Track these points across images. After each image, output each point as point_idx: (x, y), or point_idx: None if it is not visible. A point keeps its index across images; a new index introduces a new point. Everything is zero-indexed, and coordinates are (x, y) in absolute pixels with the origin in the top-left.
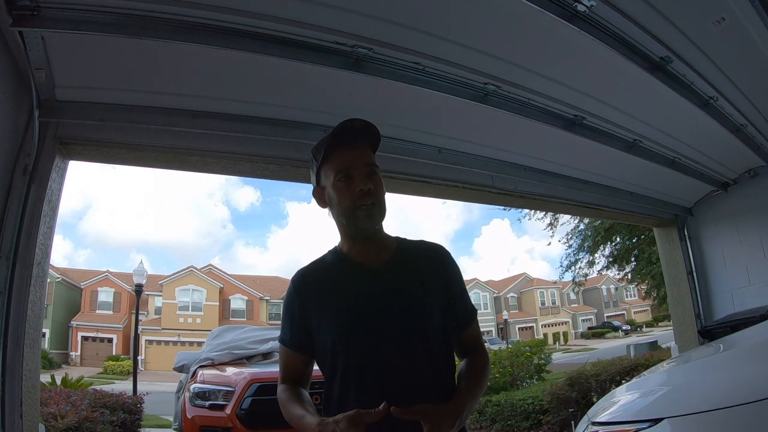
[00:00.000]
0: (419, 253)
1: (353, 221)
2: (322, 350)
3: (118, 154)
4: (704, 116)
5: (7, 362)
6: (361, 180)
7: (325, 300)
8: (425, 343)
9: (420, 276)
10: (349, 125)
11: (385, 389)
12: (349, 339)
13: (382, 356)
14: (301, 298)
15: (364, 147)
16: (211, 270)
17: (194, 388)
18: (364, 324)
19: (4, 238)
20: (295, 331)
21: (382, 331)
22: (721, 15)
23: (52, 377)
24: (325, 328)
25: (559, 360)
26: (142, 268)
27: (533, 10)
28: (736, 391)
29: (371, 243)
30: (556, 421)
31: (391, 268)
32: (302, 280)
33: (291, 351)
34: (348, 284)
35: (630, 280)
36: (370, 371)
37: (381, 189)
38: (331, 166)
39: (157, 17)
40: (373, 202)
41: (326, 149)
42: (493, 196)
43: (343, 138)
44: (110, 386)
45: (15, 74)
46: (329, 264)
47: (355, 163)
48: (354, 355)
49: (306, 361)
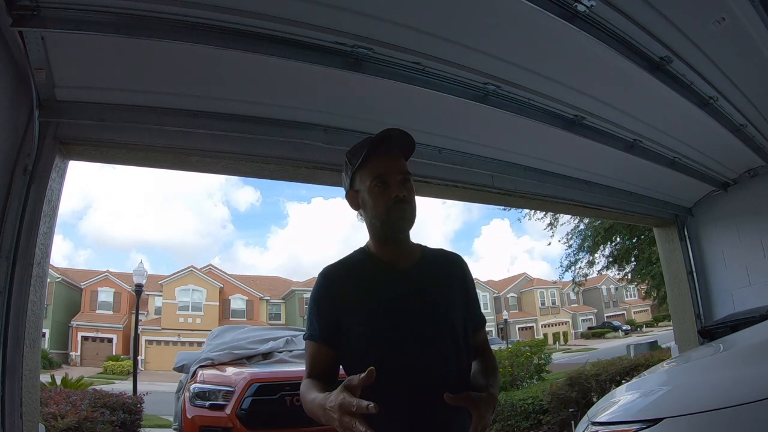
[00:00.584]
0: (442, 260)
1: (387, 224)
2: (353, 346)
3: (118, 154)
4: (704, 116)
5: (7, 362)
6: (396, 187)
7: (356, 297)
8: (452, 342)
9: (445, 281)
10: (388, 134)
11: (417, 384)
12: (383, 336)
13: (414, 353)
14: (331, 293)
15: (398, 156)
16: (211, 270)
17: (194, 388)
18: (394, 321)
19: (4, 238)
20: (324, 325)
21: (413, 330)
22: (721, 15)
23: (52, 377)
24: (357, 324)
25: (559, 360)
26: (142, 268)
27: (533, 10)
28: (736, 391)
29: (399, 246)
30: (556, 421)
31: (418, 271)
32: (332, 275)
33: (319, 346)
34: (379, 283)
35: (630, 280)
36: (402, 366)
37: (413, 195)
38: (368, 172)
39: (157, 17)
40: (406, 207)
41: (365, 155)
42: (493, 196)
43: (380, 146)
44: (110, 386)
45: (15, 74)
46: (359, 262)
47: (391, 170)
48: (387, 352)
49: (333, 357)
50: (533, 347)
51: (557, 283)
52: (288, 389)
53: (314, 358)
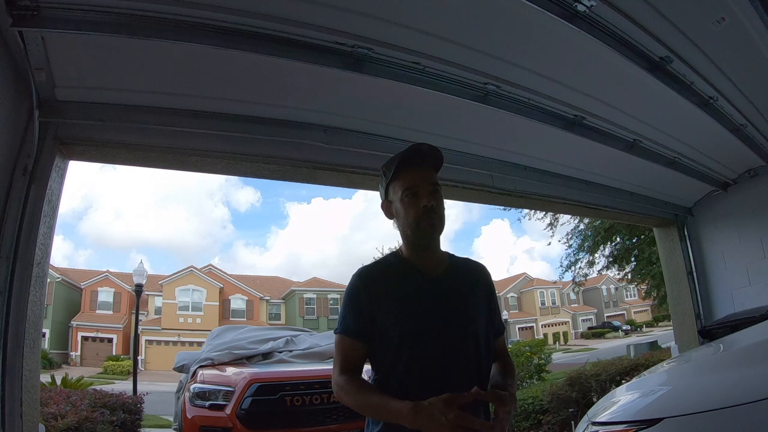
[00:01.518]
0: (469, 269)
1: (417, 233)
2: (384, 345)
3: (118, 154)
4: (704, 116)
5: (7, 362)
6: (426, 197)
7: (390, 298)
8: (474, 346)
9: (471, 289)
10: (418, 148)
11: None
12: (417, 338)
13: (442, 356)
14: (368, 291)
15: (429, 168)
16: (211, 270)
17: (194, 388)
18: (427, 326)
19: (4, 238)
20: (360, 321)
21: (444, 333)
22: (721, 15)
23: (52, 377)
24: (390, 325)
25: (559, 360)
26: (142, 268)
27: (533, 10)
28: (736, 391)
29: (430, 253)
30: (556, 421)
31: (448, 278)
32: (369, 274)
33: (353, 340)
34: (413, 288)
35: (630, 280)
36: (435, 367)
37: (442, 206)
38: (400, 184)
39: (157, 17)
40: (435, 217)
41: (396, 168)
42: (493, 196)
43: (411, 159)
44: (110, 386)
45: (15, 74)
46: (393, 266)
47: (421, 182)
48: (420, 353)
49: (365, 352)
50: (533, 347)
51: (557, 283)
52: (288, 389)
53: (347, 352)
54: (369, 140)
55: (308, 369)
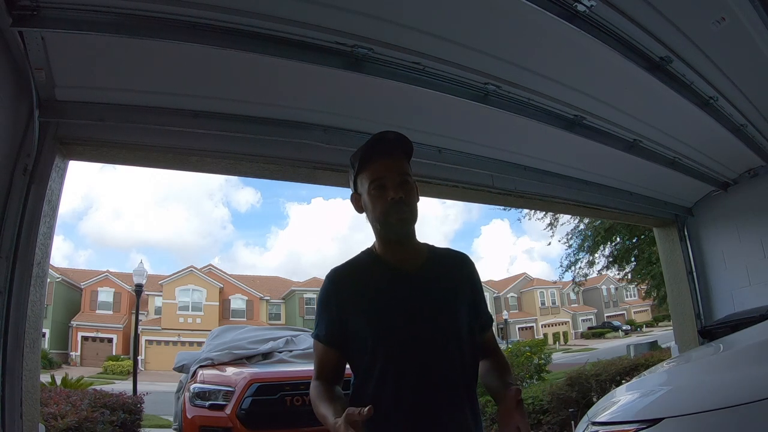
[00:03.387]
0: (449, 261)
1: (386, 227)
2: (359, 348)
3: (118, 154)
4: (704, 116)
5: (7, 362)
6: (393, 189)
7: (362, 299)
8: (457, 345)
9: (451, 282)
10: (384, 137)
11: (423, 387)
12: (389, 340)
13: (420, 357)
14: (338, 294)
15: (397, 157)
16: (211, 270)
17: (194, 388)
18: (402, 326)
19: (4, 238)
20: (331, 326)
21: (419, 333)
22: (721, 15)
23: (52, 377)
24: (363, 327)
25: (559, 360)
26: (142, 268)
27: (533, 10)
28: (736, 391)
29: (405, 247)
30: (556, 421)
31: (425, 273)
32: (339, 277)
33: (326, 347)
34: (386, 286)
35: (630, 280)
36: (409, 370)
37: (412, 196)
38: (366, 175)
39: (157, 17)
40: (404, 209)
41: (361, 159)
42: (493, 196)
43: (376, 149)
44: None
45: (15, 74)
46: (365, 264)
47: (388, 173)
48: (393, 355)
49: (340, 358)
50: (533, 347)
51: (557, 283)
52: (288, 389)
53: (321, 359)
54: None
55: (308, 369)
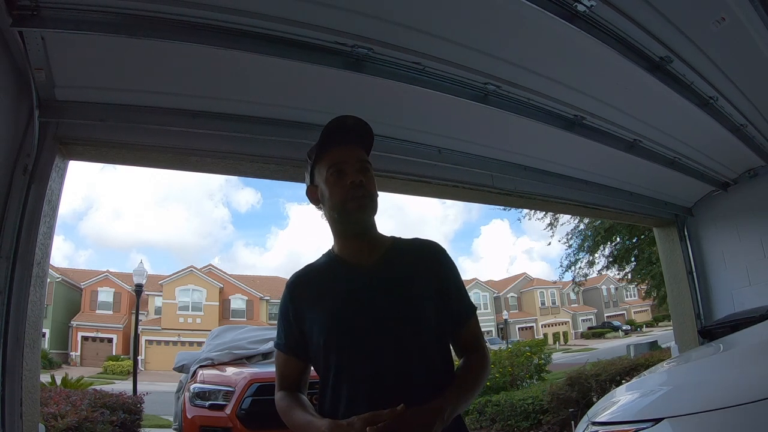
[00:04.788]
0: (412, 250)
1: (344, 214)
2: (315, 351)
3: (118, 154)
4: (704, 116)
5: (7, 362)
6: (353, 173)
7: (317, 302)
8: (418, 341)
9: (412, 272)
10: (342, 123)
11: (378, 388)
12: (340, 338)
13: (374, 355)
14: (294, 302)
15: (356, 145)
16: (211, 270)
17: (194, 388)
18: (354, 323)
19: (4, 238)
20: (290, 335)
21: (373, 330)
22: (721, 15)
23: (52, 377)
24: (317, 328)
25: (559, 360)
26: (142, 268)
27: (533, 10)
28: (736, 391)
29: (363, 241)
30: (556, 421)
31: (382, 265)
32: (295, 283)
33: (286, 356)
34: (339, 284)
35: (630, 280)
36: (362, 370)
37: (373, 184)
38: (324, 162)
39: (157, 17)
40: (364, 194)
41: (319, 146)
42: (493, 196)
43: (335, 136)
44: (110, 386)
45: (15, 74)
46: (322, 266)
47: (348, 158)
48: (345, 355)
49: (302, 366)
50: (533, 347)
51: (557, 283)
52: None
53: (282, 368)
54: None
55: None
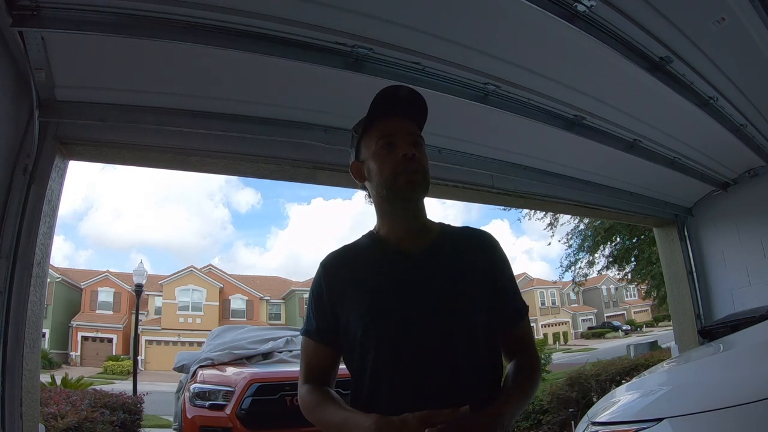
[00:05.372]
0: (464, 239)
1: (394, 190)
2: (351, 344)
3: (118, 154)
4: (704, 116)
5: (7, 362)
6: (405, 146)
7: (357, 287)
8: (468, 340)
9: (465, 264)
10: (394, 93)
11: (422, 389)
12: (383, 329)
13: (419, 352)
14: (330, 284)
15: (409, 118)
16: (211, 270)
17: (194, 388)
18: (400, 313)
19: (4, 238)
20: (323, 321)
21: (419, 324)
22: (721, 15)
23: (52, 377)
24: (355, 318)
25: (559, 360)
26: (142, 268)
27: (533, 10)
28: (736, 391)
29: (412, 223)
30: (556, 421)
31: (432, 253)
32: (333, 264)
33: (317, 344)
34: (383, 270)
35: (630, 280)
36: (405, 369)
37: (426, 160)
38: (372, 135)
39: (157, 17)
40: (416, 169)
41: (368, 118)
42: (493, 196)
43: (386, 107)
44: (110, 386)
45: (15, 74)
46: (363, 247)
47: (399, 131)
48: (387, 350)
49: (334, 357)
50: None
51: (557, 283)
52: (288, 389)
53: (311, 358)
54: None
55: None
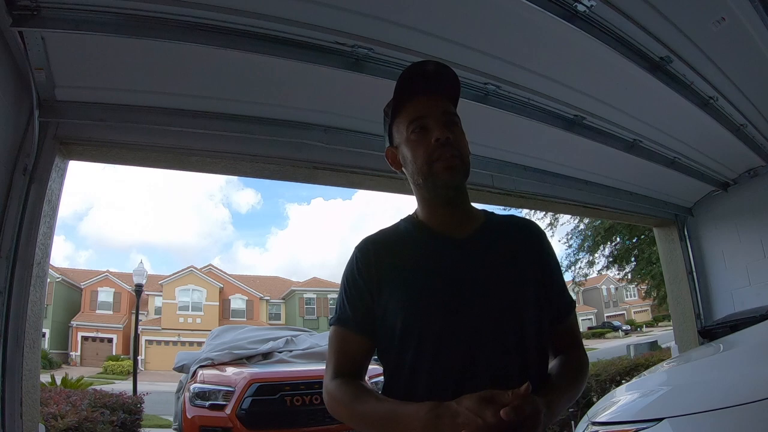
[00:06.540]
0: (511, 228)
1: (430, 178)
2: (389, 335)
3: (118, 154)
4: (704, 116)
5: (7, 362)
6: (439, 129)
7: (396, 274)
8: (517, 333)
9: (513, 252)
10: (421, 69)
11: (466, 384)
12: (426, 319)
13: (466, 343)
14: (369, 269)
15: (441, 94)
16: (211, 270)
17: (194, 388)
18: (443, 305)
19: (4, 238)
20: (359, 309)
21: (466, 316)
22: (721, 15)
23: (52, 377)
24: (393, 308)
25: None
26: (142, 268)
27: (533, 9)
28: (736, 391)
29: (454, 209)
30: (555, 421)
31: (478, 240)
32: (370, 248)
33: (352, 334)
34: (426, 256)
35: (630, 280)
36: (449, 360)
37: (464, 141)
38: (403, 118)
39: (157, 17)
40: (452, 153)
41: (396, 99)
42: (493, 196)
43: (414, 86)
44: (110, 386)
45: (15, 74)
46: (403, 232)
47: (431, 112)
48: (430, 343)
49: (369, 348)
50: None
51: None
52: (288, 389)
53: (345, 349)
54: (369, 140)
55: (308, 369)
